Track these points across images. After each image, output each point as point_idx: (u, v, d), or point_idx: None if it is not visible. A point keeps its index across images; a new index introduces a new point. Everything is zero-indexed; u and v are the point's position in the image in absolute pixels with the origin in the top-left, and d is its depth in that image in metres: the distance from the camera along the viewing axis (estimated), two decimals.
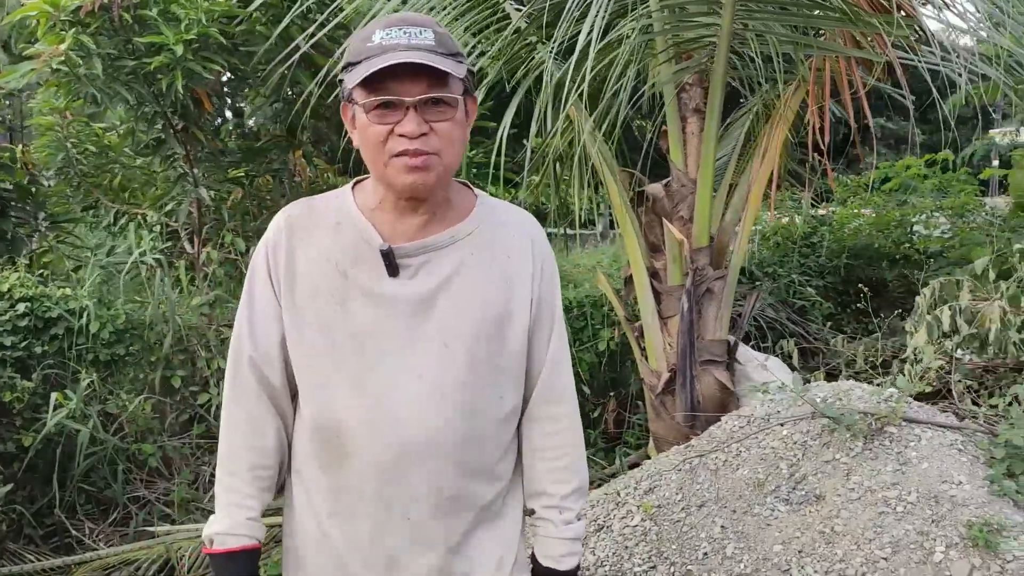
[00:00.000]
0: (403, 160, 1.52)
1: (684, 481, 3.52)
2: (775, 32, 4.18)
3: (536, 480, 1.78)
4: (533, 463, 1.78)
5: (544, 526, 1.78)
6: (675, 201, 4.54)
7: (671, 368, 4.44)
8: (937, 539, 2.82)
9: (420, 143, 1.51)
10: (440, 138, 1.53)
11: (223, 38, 4.66)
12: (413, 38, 1.50)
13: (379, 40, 1.50)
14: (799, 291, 6.76)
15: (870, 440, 3.29)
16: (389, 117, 1.51)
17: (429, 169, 1.53)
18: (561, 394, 1.78)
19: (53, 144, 5.34)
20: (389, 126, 1.51)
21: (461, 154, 1.63)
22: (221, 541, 1.66)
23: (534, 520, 1.80)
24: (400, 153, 1.51)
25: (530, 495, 1.80)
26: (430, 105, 1.51)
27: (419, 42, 1.50)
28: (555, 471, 1.77)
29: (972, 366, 4.87)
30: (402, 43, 1.49)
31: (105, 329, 4.48)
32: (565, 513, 1.77)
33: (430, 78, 1.50)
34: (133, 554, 4.08)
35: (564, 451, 1.78)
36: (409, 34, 1.50)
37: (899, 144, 23.31)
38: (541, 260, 1.73)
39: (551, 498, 1.77)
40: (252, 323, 1.67)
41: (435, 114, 1.52)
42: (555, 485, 1.77)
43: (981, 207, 8.27)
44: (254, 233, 5.64)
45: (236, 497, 1.68)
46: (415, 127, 1.50)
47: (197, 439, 4.76)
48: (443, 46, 1.52)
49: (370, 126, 1.52)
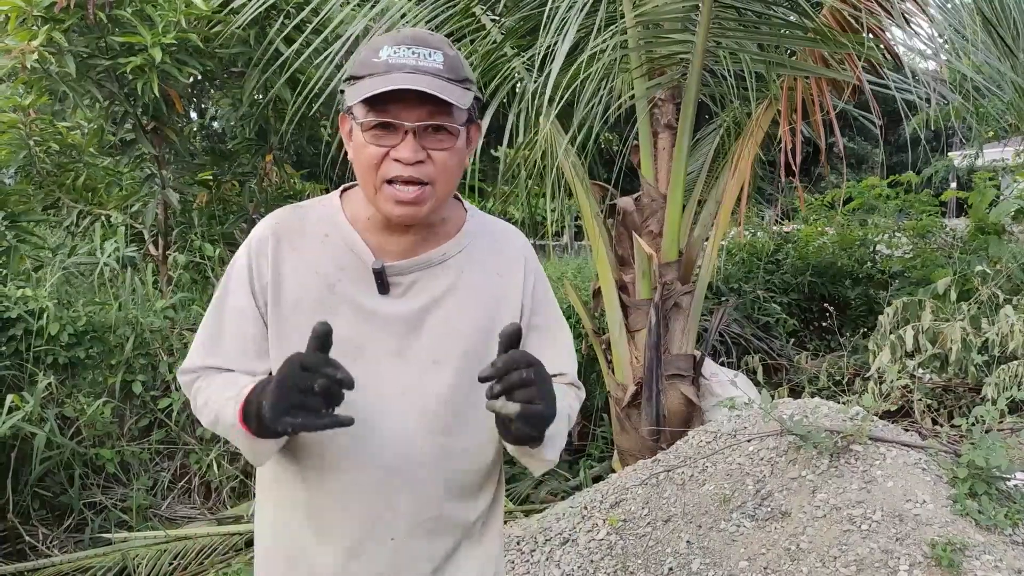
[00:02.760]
0: (393, 191, 1.47)
1: (650, 496, 3.53)
2: (747, 51, 4.23)
3: None
4: None
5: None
6: (645, 215, 4.56)
7: (637, 382, 4.45)
8: (901, 557, 2.84)
9: (414, 170, 1.46)
10: (436, 167, 1.48)
11: (200, 42, 4.62)
12: (422, 60, 1.44)
13: (386, 57, 1.45)
14: (764, 307, 6.82)
15: (836, 458, 3.31)
16: (386, 139, 1.46)
17: (420, 204, 1.49)
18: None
19: (15, 142, 5.25)
20: (385, 149, 1.46)
21: (456, 183, 1.58)
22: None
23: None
24: (392, 179, 1.47)
25: None
26: (430, 132, 1.46)
27: (427, 65, 1.44)
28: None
29: (932, 385, 4.94)
30: (409, 64, 1.44)
31: (65, 331, 4.40)
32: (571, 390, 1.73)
33: (433, 104, 1.44)
34: (88, 561, 4.01)
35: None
36: (418, 55, 1.45)
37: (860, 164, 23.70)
38: (533, 275, 1.71)
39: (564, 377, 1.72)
40: (218, 336, 1.60)
41: (434, 141, 1.47)
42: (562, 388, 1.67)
43: (942, 229, 8.41)
44: (220, 237, 5.58)
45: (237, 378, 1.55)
46: (411, 154, 1.45)
47: (156, 444, 4.69)
48: (452, 71, 1.47)
49: (366, 147, 1.47)
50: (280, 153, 6.07)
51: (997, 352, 4.68)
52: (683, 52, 4.21)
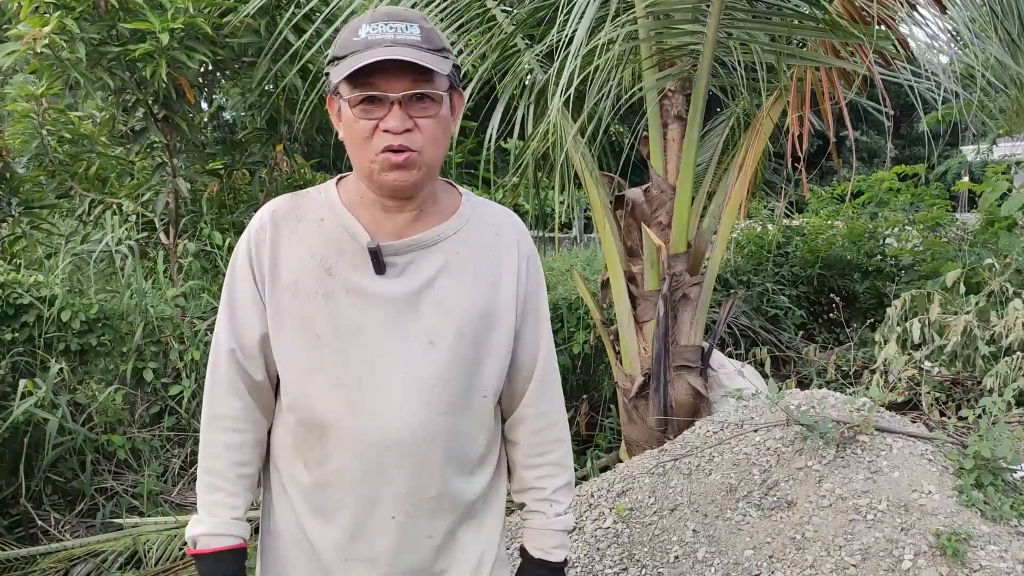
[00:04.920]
0: (386, 157, 1.52)
1: (657, 485, 3.54)
2: (758, 41, 4.22)
3: (526, 475, 1.80)
4: (523, 459, 1.80)
5: (536, 518, 1.80)
6: (654, 206, 4.56)
7: (645, 372, 4.46)
8: (906, 547, 2.85)
9: (404, 139, 1.51)
10: (423, 135, 1.54)
11: (209, 29, 4.63)
12: (399, 33, 1.50)
13: (365, 35, 1.51)
14: (772, 300, 6.81)
15: (842, 448, 3.32)
16: (374, 112, 1.52)
17: (411, 167, 1.54)
18: (548, 391, 1.79)
19: (28, 131, 5.29)
20: (374, 121, 1.52)
21: (445, 151, 1.63)
22: (206, 542, 1.65)
23: (525, 513, 1.82)
24: (385, 149, 1.52)
25: (520, 490, 1.82)
26: (415, 101, 1.52)
27: (405, 37, 1.50)
28: (545, 466, 1.79)
29: (940, 379, 4.94)
30: (388, 38, 1.49)
31: (76, 318, 4.43)
32: (556, 506, 1.79)
33: (415, 74, 1.50)
34: (99, 546, 4.03)
35: (553, 446, 1.80)
36: (395, 29, 1.51)
37: (871, 158, 23.61)
38: (526, 259, 1.74)
39: (542, 491, 1.79)
40: (232, 317, 1.66)
41: (419, 110, 1.53)
42: (545, 479, 1.79)
43: (953, 222, 8.38)
44: (230, 226, 5.61)
45: (219, 496, 1.66)
46: (399, 123, 1.50)
47: (167, 431, 4.72)
48: (429, 42, 1.53)
49: (356, 121, 1.53)
50: (290, 143, 6.09)
51: (1005, 344, 4.67)
52: (694, 43, 4.21)
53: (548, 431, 1.79)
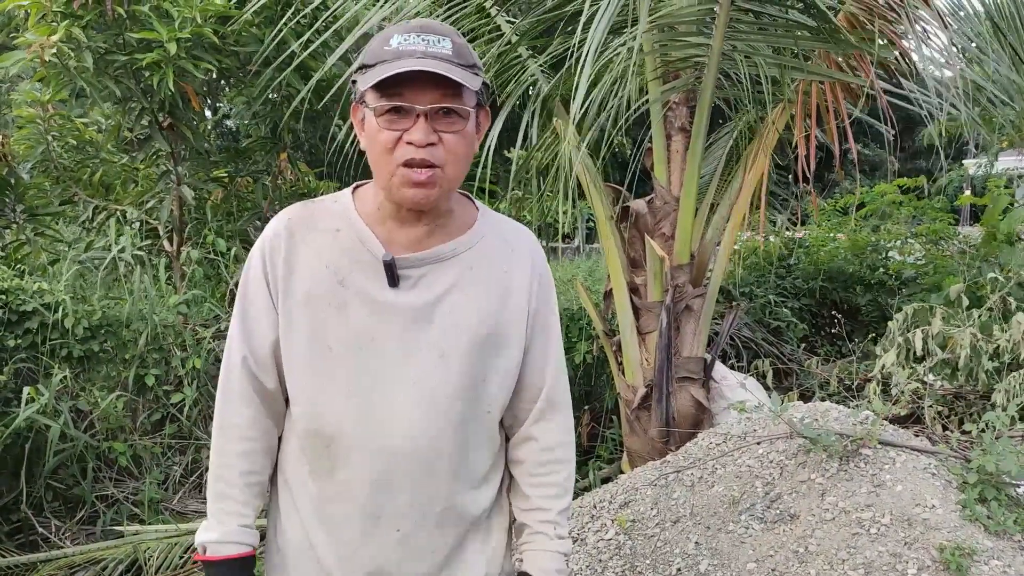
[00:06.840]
0: (408, 173, 1.50)
1: (659, 496, 3.53)
2: (763, 54, 4.23)
3: (531, 494, 1.77)
4: (528, 478, 1.78)
5: (539, 540, 1.76)
6: (658, 218, 4.56)
7: (648, 384, 4.45)
8: (909, 561, 2.85)
9: (427, 153, 1.49)
10: (447, 150, 1.52)
11: (215, 38, 4.65)
12: (431, 46, 1.49)
13: (396, 45, 1.49)
14: (775, 312, 6.81)
15: (845, 461, 3.32)
16: (399, 123, 1.50)
17: (432, 185, 1.52)
18: (556, 411, 1.78)
19: (33, 137, 5.30)
20: (398, 133, 1.50)
21: (467, 168, 1.61)
22: (215, 549, 1.65)
23: (528, 535, 1.79)
24: (406, 163, 1.50)
25: (524, 509, 1.79)
26: (441, 115, 1.50)
27: (436, 50, 1.49)
28: (551, 486, 1.77)
29: (944, 392, 4.93)
30: (419, 50, 1.48)
31: (80, 325, 4.43)
32: (558, 528, 1.77)
33: (444, 88, 1.48)
34: (100, 553, 4.02)
35: (559, 466, 1.78)
36: (427, 41, 1.49)
37: (874, 171, 23.62)
38: (539, 277, 1.73)
39: (547, 513, 1.76)
40: (245, 326, 1.66)
41: (445, 124, 1.51)
42: (551, 500, 1.77)
43: (955, 235, 8.38)
44: (235, 233, 5.62)
45: (229, 504, 1.66)
46: (423, 135, 1.49)
47: (169, 439, 4.72)
48: (460, 56, 1.51)
49: (380, 131, 1.51)
50: (294, 151, 6.10)
51: (1007, 359, 4.67)
52: (699, 55, 4.22)
53: (555, 450, 1.77)
